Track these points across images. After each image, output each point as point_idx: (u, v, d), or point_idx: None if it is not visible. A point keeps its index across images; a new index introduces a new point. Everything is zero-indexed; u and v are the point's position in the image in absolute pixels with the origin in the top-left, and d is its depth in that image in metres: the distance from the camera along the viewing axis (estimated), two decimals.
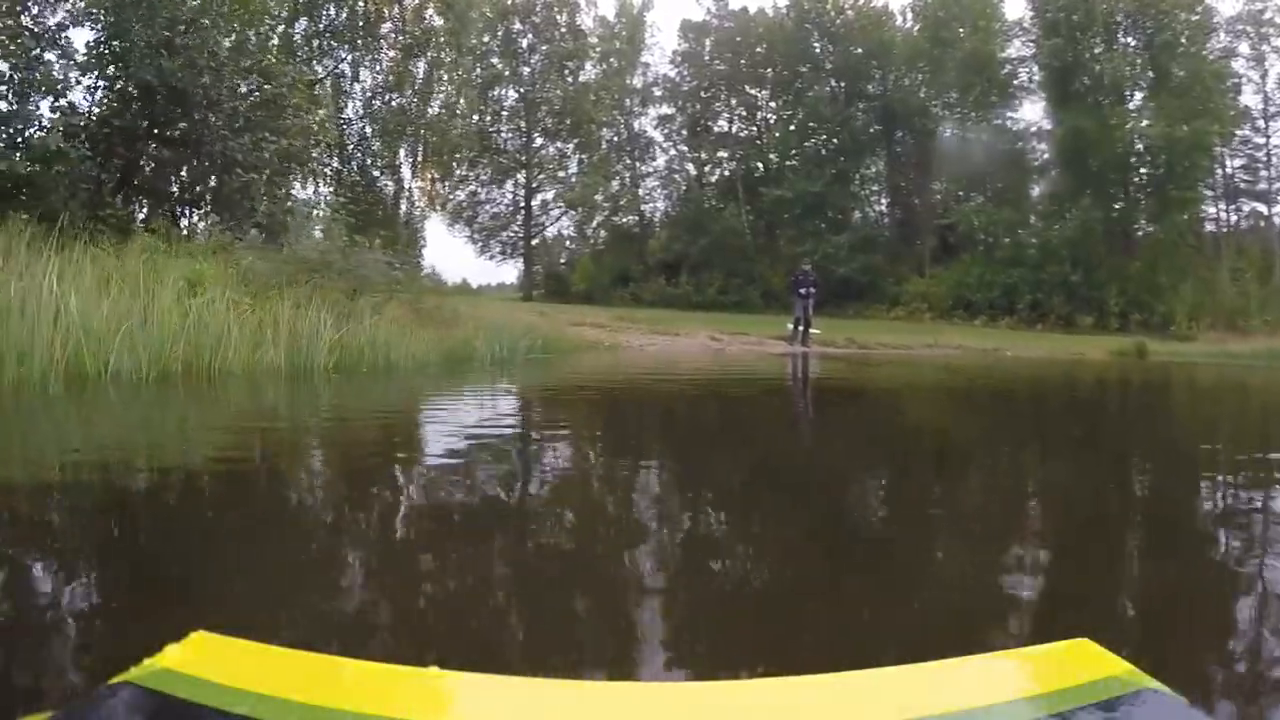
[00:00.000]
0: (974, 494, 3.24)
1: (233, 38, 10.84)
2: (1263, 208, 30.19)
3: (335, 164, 19.73)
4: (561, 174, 33.30)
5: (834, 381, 10.60)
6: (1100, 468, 3.83)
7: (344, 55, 22.76)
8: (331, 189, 17.14)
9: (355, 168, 22.78)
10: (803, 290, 17.40)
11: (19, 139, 8.72)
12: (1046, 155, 29.74)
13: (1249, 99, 29.83)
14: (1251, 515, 2.66)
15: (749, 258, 31.02)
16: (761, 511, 2.70)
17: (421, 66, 24.19)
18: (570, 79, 32.90)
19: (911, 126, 31.05)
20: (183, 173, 10.75)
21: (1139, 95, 28.83)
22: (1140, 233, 28.54)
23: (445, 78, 24.96)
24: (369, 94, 23.71)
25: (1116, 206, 28.06)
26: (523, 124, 32.99)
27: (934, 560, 2.15)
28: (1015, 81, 30.71)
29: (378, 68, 23.69)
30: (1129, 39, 28.85)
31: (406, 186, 26.20)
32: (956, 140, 30.06)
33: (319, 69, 20.76)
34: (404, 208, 26.14)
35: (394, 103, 23.81)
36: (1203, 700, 1.12)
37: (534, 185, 33.37)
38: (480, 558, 2.06)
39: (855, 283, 28.68)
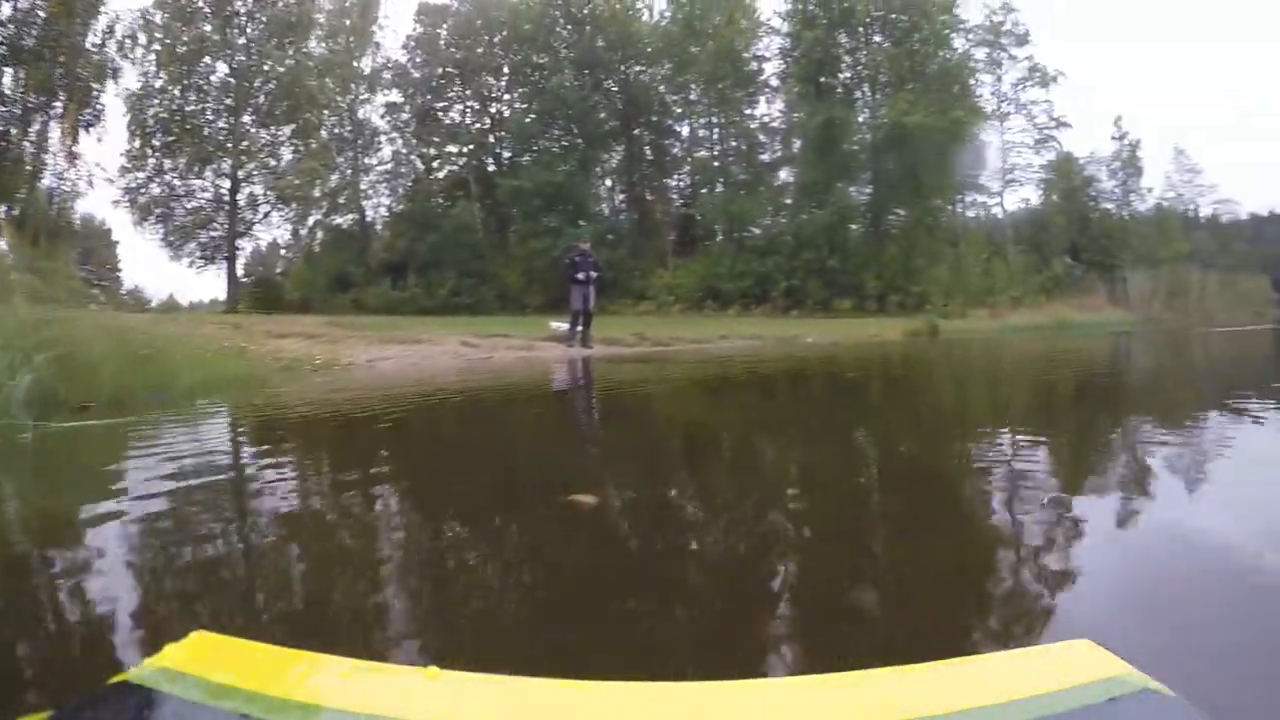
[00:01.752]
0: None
1: None
2: (986, 199, 31.21)
3: None
4: (274, 163, 27.86)
5: (695, 390, 6.38)
6: None
7: None
8: None
9: None
10: (580, 275, 12.95)
11: None
12: (797, 146, 28.46)
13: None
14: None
15: (481, 255, 26.84)
16: None
17: None
18: (292, 53, 27.91)
19: (651, 122, 29.02)
20: None
21: (888, 90, 28.41)
22: (892, 218, 27.59)
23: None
24: None
25: (867, 192, 27.06)
26: (230, 100, 27.40)
27: None
28: (761, 78, 29.63)
29: None
30: (878, 37, 28.54)
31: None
32: (701, 133, 28.52)
33: None
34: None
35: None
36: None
37: (241, 176, 27.65)
38: None
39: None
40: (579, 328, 12.82)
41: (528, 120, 28.48)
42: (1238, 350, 9.91)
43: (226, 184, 27.22)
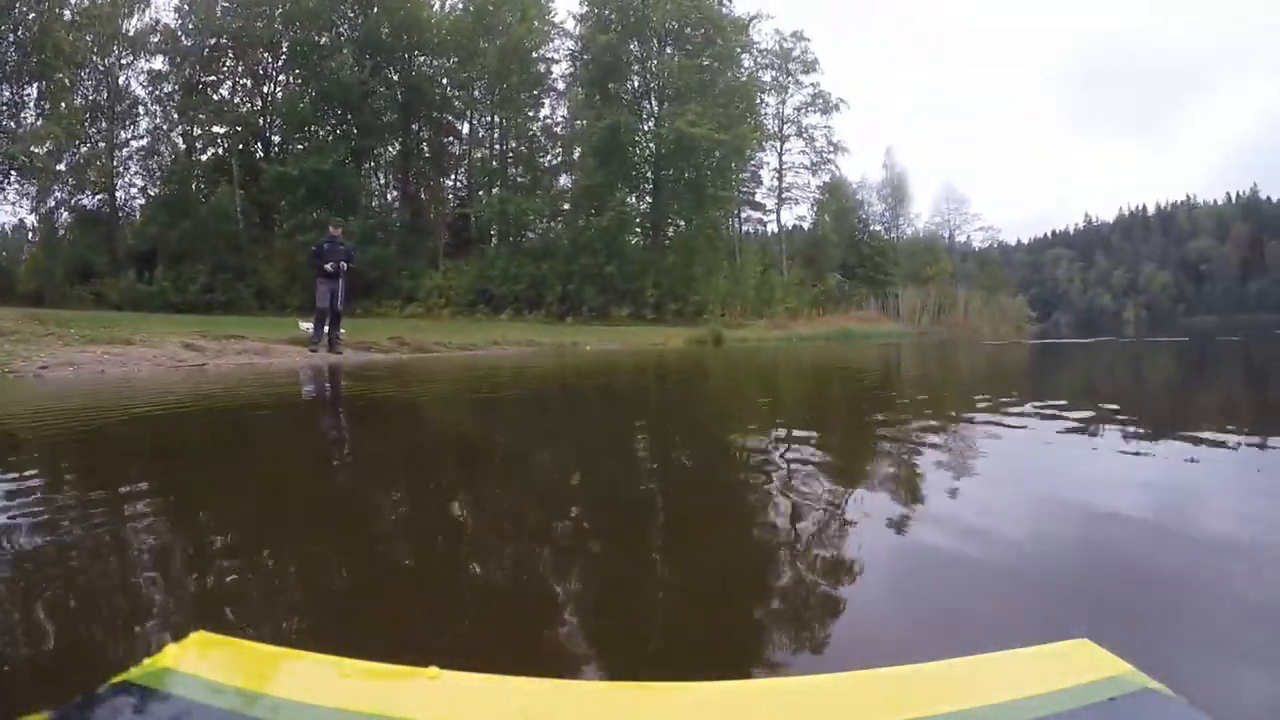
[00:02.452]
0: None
1: None
2: (760, 215, 33.16)
3: None
4: (14, 126, 24.19)
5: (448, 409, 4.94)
6: None
7: None
8: None
9: None
10: (329, 266, 10.81)
11: None
12: (578, 151, 28.51)
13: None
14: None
15: (240, 248, 24.73)
16: None
17: None
18: (44, 3, 24.30)
19: (431, 117, 28.04)
20: None
21: (675, 102, 29.07)
22: (672, 228, 28.29)
23: None
24: None
25: (648, 200, 27.57)
26: None
27: None
28: (549, 80, 29.55)
29: None
30: (669, 49, 29.09)
31: None
32: (482, 133, 27.96)
33: None
34: None
35: None
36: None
37: None
38: None
39: (363, 277, 24.21)
40: (325, 329, 10.88)
41: (301, 105, 26.61)
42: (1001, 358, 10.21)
43: None
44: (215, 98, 27.24)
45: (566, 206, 27.75)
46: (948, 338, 23.16)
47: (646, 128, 27.64)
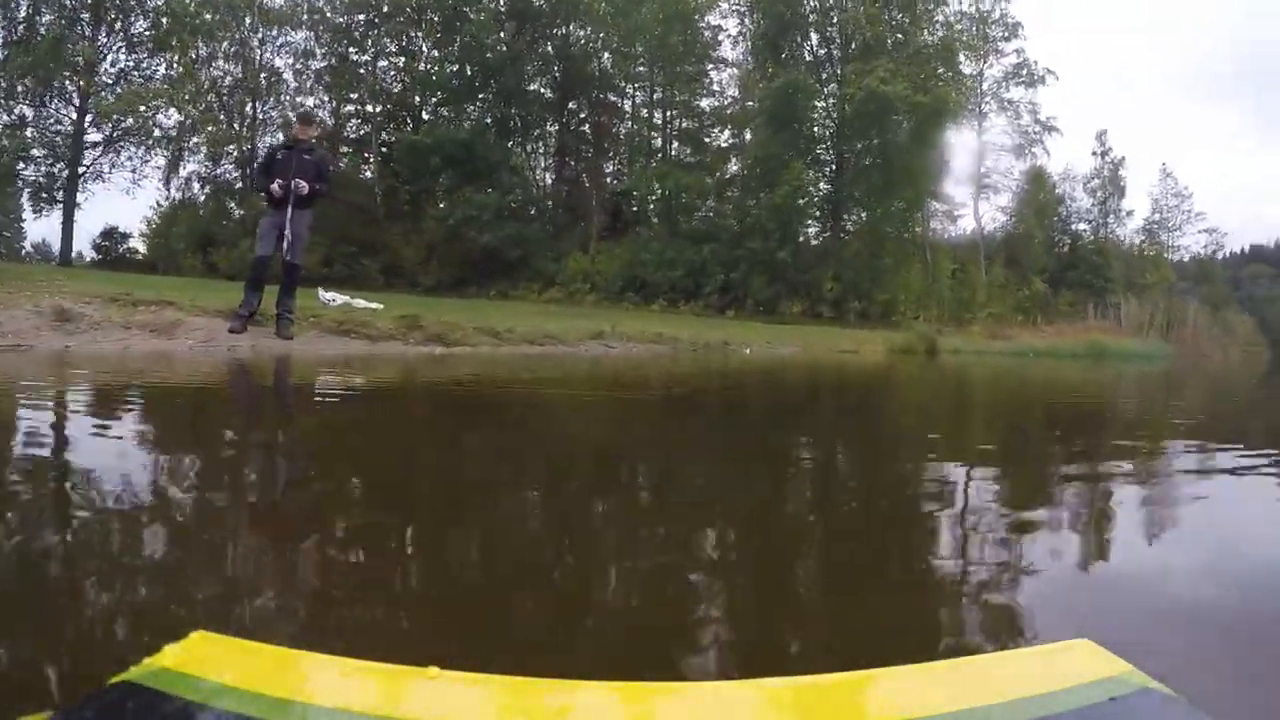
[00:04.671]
0: None
1: None
2: (950, 208, 27.25)
3: None
4: (129, 89, 22.71)
5: None
6: None
7: None
8: None
9: None
10: (277, 186, 6.41)
11: None
12: (749, 134, 24.29)
13: None
14: None
15: (376, 222, 22.38)
16: None
17: None
18: None
19: (590, 95, 25.09)
20: None
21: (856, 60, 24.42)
22: (855, 214, 23.61)
23: None
24: None
25: (826, 182, 23.07)
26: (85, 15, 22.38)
27: None
28: (717, 50, 25.71)
29: None
30: (850, 1, 24.60)
31: None
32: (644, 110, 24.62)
33: None
34: None
35: None
36: None
37: (90, 106, 22.46)
38: None
39: (502, 256, 20.98)
40: (259, 295, 6.67)
41: (435, 72, 24.06)
42: None
43: (73, 114, 22.27)
44: (363, 74, 25.22)
45: (734, 192, 23.49)
46: (1197, 360, 18.24)
47: (828, 91, 23.16)
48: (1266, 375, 11.91)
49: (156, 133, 23.31)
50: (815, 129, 23.29)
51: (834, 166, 23.31)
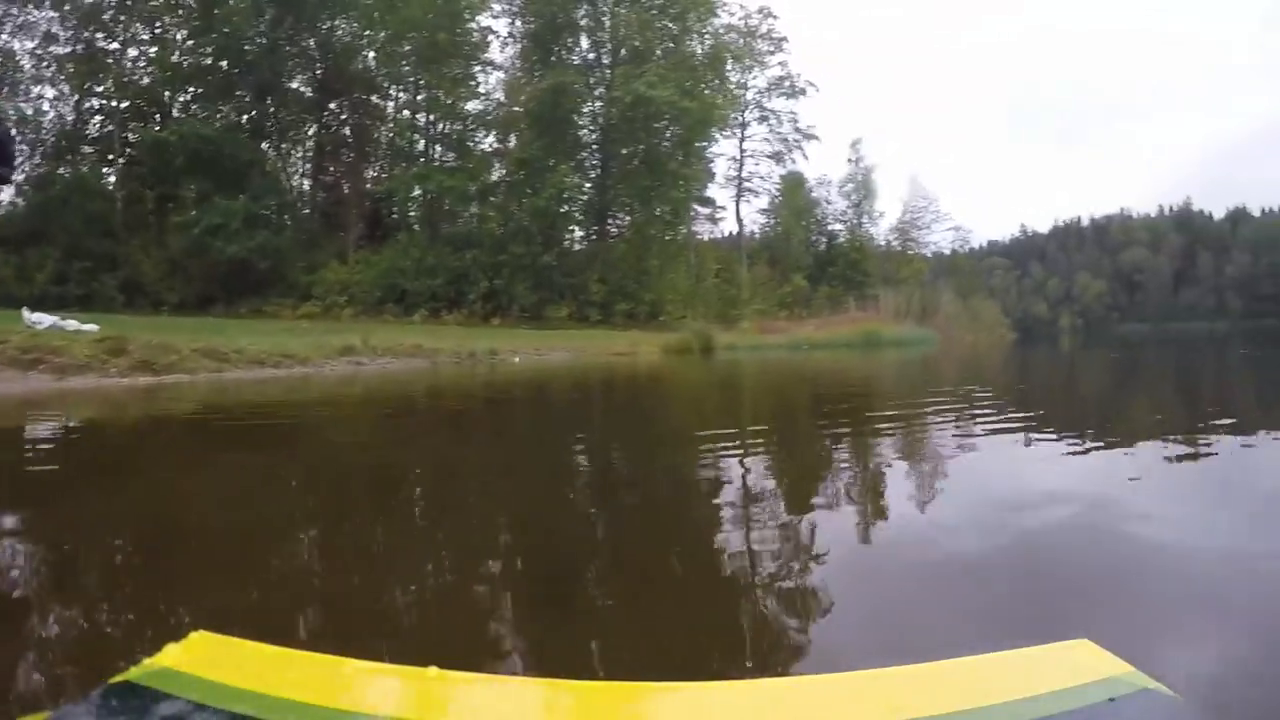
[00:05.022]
0: None
1: None
2: (711, 211, 29.37)
3: None
4: None
5: None
6: None
7: None
8: None
9: None
10: None
11: None
12: (514, 138, 24.12)
13: None
14: None
15: (112, 233, 20.16)
16: None
17: None
18: None
19: (351, 96, 24.05)
20: None
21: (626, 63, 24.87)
22: (621, 215, 24.18)
23: None
24: None
25: (593, 176, 23.39)
26: None
27: None
28: (485, 52, 25.35)
29: None
30: (623, 7, 24.97)
31: None
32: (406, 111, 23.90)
33: None
34: None
35: None
36: None
37: None
38: None
39: (252, 269, 19.41)
40: None
41: (203, 61, 21.92)
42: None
43: None
44: (110, 63, 22.51)
45: (497, 197, 23.22)
46: (952, 347, 20.51)
47: (596, 94, 23.42)
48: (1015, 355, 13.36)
49: None
50: (582, 133, 23.50)
51: (600, 170, 23.67)
